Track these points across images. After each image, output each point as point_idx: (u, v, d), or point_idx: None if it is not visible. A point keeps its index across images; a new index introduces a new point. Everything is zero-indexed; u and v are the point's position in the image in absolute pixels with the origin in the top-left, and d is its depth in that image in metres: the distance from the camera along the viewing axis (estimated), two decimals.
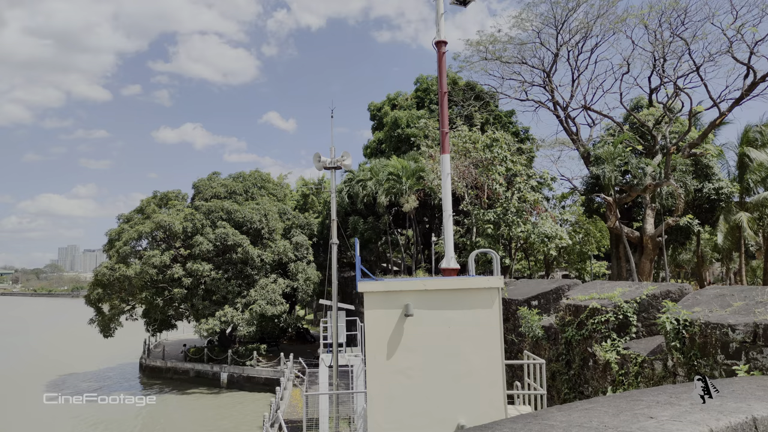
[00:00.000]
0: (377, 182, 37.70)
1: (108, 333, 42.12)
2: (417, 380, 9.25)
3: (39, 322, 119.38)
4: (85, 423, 31.45)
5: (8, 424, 32.01)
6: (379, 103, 50.61)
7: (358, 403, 17.72)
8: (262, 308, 38.09)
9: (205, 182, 46.82)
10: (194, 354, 42.95)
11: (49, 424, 31.64)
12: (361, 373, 18.47)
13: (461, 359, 9.15)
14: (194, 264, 38.76)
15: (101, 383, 42.75)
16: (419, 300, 9.45)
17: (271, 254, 41.02)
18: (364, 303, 9.83)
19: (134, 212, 45.12)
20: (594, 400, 5.17)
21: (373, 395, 9.24)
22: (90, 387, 41.15)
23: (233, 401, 35.09)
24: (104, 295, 41.59)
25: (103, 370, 48.33)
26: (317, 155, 19.57)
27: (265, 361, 39.72)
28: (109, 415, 32.92)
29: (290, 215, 45.71)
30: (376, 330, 9.56)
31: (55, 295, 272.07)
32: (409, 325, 9.43)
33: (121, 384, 42.34)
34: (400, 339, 9.48)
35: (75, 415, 33.17)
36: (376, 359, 9.38)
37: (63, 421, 32.10)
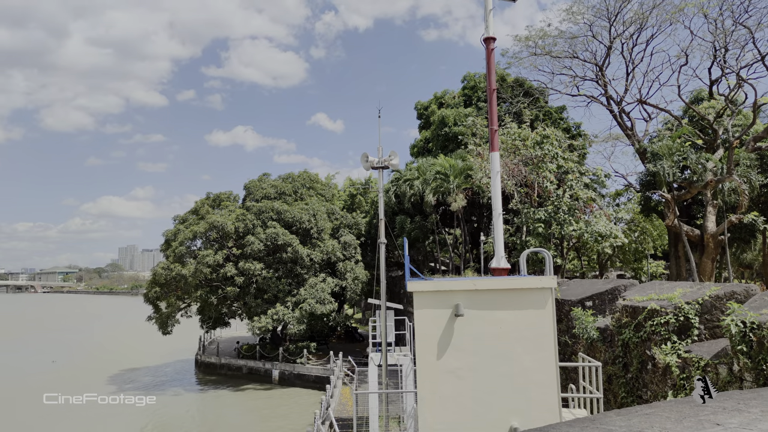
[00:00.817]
0: (424, 181, 37.58)
1: (166, 330, 43.72)
2: (468, 381, 9.15)
3: (102, 319, 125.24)
4: (143, 419, 32.72)
5: (75, 418, 33.70)
6: (426, 102, 50.43)
7: (407, 402, 17.70)
8: (311, 307, 38.64)
9: (255, 183, 47.90)
10: (247, 351, 44.01)
11: (109, 421, 33.10)
12: (411, 372, 18.44)
13: (513, 360, 8.99)
14: (246, 263, 39.71)
15: (160, 378, 44.41)
16: (469, 300, 9.34)
17: (319, 253, 41.56)
18: (414, 302, 9.80)
19: (189, 213, 46.63)
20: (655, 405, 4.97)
21: (424, 395, 9.20)
22: (150, 382, 42.82)
23: (285, 398, 35.76)
24: (162, 294, 43.21)
25: (161, 365, 50.20)
26: (365, 155, 19.65)
27: (315, 359, 40.28)
28: (164, 411, 34.14)
29: (338, 215, 46.17)
30: (426, 330, 9.51)
31: (115, 293, 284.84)
32: (459, 325, 9.34)
33: (178, 380, 43.85)
34: (450, 339, 9.40)
35: (133, 411, 34.57)
36: (425, 359, 9.33)
37: (122, 417, 33.51)
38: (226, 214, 43.08)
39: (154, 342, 54.73)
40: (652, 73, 34.18)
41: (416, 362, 9.65)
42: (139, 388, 40.19)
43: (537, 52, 34.44)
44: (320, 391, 34.66)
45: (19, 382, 44.86)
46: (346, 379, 33.12)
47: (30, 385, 43.02)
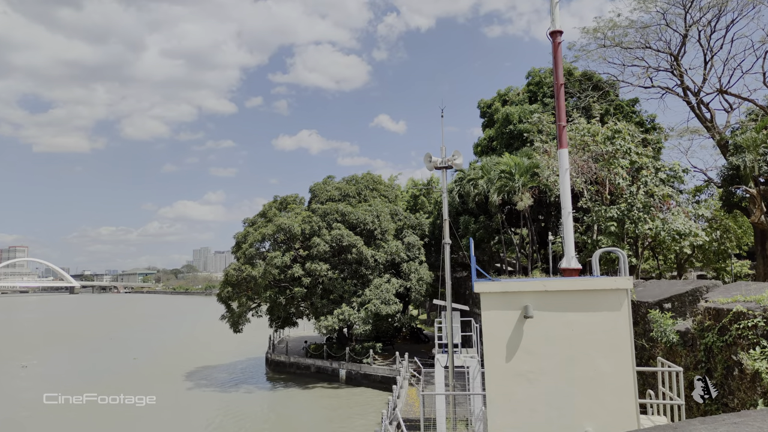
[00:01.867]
0: (489, 180, 37.01)
1: (237, 328, 45.35)
2: (538, 384, 8.93)
3: (179, 318, 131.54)
4: (220, 414, 34.02)
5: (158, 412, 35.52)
6: (490, 100, 49.67)
7: (475, 405, 17.48)
8: (376, 307, 38.91)
9: (320, 186, 48.81)
10: (314, 350, 44.90)
11: (183, 413, 34.64)
12: (478, 374, 18.20)
13: (587, 364, 8.68)
14: (312, 264, 40.54)
15: (233, 376, 46.10)
16: (539, 301, 9.12)
17: (384, 254, 41.79)
18: (481, 304, 9.66)
19: (257, 216, 48.15)
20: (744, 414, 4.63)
21: (493, 398, 9.05)
22: (224, 379, 44.53)
23: (352, 397, 36.20)
24: (233, 294, 44.85)
25: (234, 363, 52.09)
26: (428, 155, 19.58)
27: (381, 359, 40.52)
28: (237, 408, 35.34)
29: (401, 216, 46.26)
30: (494, 331, 9.36)
31: (190, 293, 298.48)
32: (528, 327, 9.13)
33: (250, 377, 45.35)
34: (520, 341, 9.21)
35: (211, 406, 36.03)
36: (494, 361, 9.18)
37: (202, 411, 34.99)
38: (293, 217, 44.15)
39: (227, 340, 56.91)
40: (733, 60, 32.13)
41: (484, 364, 9.51)
42: (214, 385, 41.88)
43: (606, 44, 33.14)
44: (386, 392, 34.82)
45: (103, 378, 47.82)
46: (412, 380, 33.11)
47: (113, 382, 45.78)
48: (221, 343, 63.15)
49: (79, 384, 44.80)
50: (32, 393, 41.81)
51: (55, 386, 44.29)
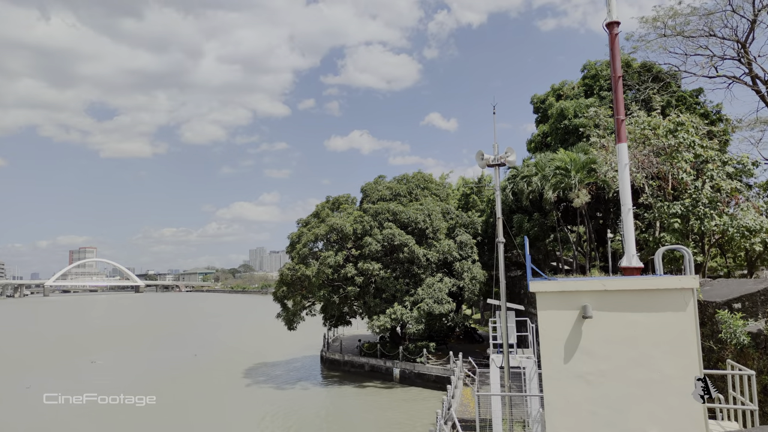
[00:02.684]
0: (543, 177, 36.18)
1: (292, 326, 46.27)
2: (598, 386, 8.68)
3: (237, 315, 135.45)
4: (278, 410, 34.78)
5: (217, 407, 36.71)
6: (543, 95, 48.57)
7: (532, 406, 17.13)
8: (429, 306, 38.78)
9: (371, 186, 49.10)
10: (368, 349, 45.22)
11: (240, 408, 35.59)
12: (535, 376, 17.82)
13: (650, 366, 8.37)
14: (365, 263, 40.84)
15: (289, 373, 47.07)
16: (598, 301, 8.87)
17: (436, 253, 41.60)
18: (537, 303, 9.48)
19: (311, 216, 48.94)
20: None
21: (551, 400, 8.85)
22: (280, 375, 45.54)
23: (406, 396, 36.24)
24: (288, 293, 45.79)
25: (290, 360, 53.18)
26: (480, 153, 19.31)
27: (435, 358, 40.37)
28: (293, 404, 36.03)
29: (453, 215, 45.92)
30: (551, 332, 9.17)
31: (247, 292, 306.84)
32: (587, 327, 8.89)
33: (305, 374, 46.17)
34: (578, 342, 8.97)
35: (268, 402, 36.89)
36: (551, 363, 8.98)
37: (259, 406, 35.89)
38: (345, 217, 44.61)
39: (282, 338, 58.16)
40: None
41: (541, 365, 9.32)
42: (271, 381, 42.90)
43: (667, 33, 31.70)
44: (440, 391, 34.67)
45: (164, 374, 49.79)
46: (466, 380, 32.82)
47: (174, 377, 47.63)
48: (277, 341, 64.61)
49: (143, 379, 46.90)
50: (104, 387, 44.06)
51: (122, 380, 46.53)
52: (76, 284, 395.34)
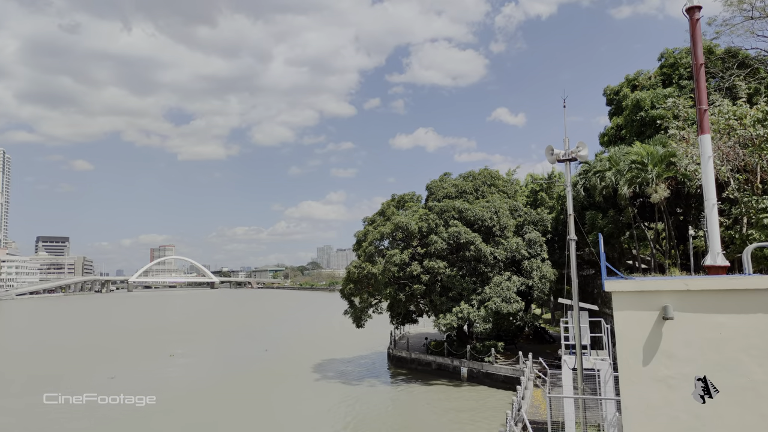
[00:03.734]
0: (617, 172, 34.69)
1: (359, 323, 46.86)
2: (682, 392, 8.24)
3: (305, 312, 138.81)
4: (340, 409, 35.34)
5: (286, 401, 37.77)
6: (617, 86, 46.57)
7: (608, 410, 16.50)
8: (497, 305, 38.16)
9: (437, 183, 48.87)
10: (435, 347, 45.08)
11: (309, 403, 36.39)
12: (610, 378, 17.15)
13: (740, 372, 7.85)
14: (430, 262, 40.72)
15: (356, 369, 47.71)
16: (680, 301, 8.41)
17: (503, 251, 40.87)
18: (613, 303, 9.11)
19: (376, 215, 49.34)
20: None
21: (629, 405, 8.49)
22: (348, 372, 46.26)
23: (474, 395, 35.86)
24: (355, 290, 46.39)
25: (357, 357, 53.91)
26: (549, 148, 18.82)
27: (503, 358, 39.69)
28: (362, 401, 36.47)
29: (521, 212, 44.94)
30: (628, 333, 8.79)
31: (315, 288, 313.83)
32: (668, 329, 8.46)
33: (373, 371, 46.65)
34: (658, 344, 8.56)
35: (336, 397, 37.55)
36: (629, 365, 8.62)
37: (327, 401, 36.59)
38: (410, 215, 44.66)
39: (350, 334, 59.03)
40: None
41: (618, 368, 8.97)
42: (339, 377, 43.67)
43: (754, 15, 29.61)
44: (509, 392, 34.06)
45: (237, 368, 51.72)
46: (537, 381, 32.05)
47: (245, 371, 49.40)
48: (345, 338, 65.65)
49: (216, 372, 48.98)
50: (180, 381, 46.42)
51: (197, 373, 48.81)
52: (156, 280, 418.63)
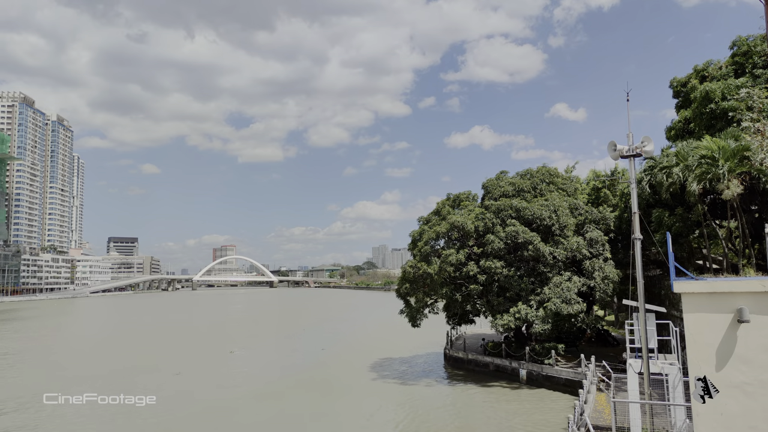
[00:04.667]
0: (686, 168, 33.01)
1: (415, 323, 46.77)
2: (759, 398, 7.78)
3: (362, 311, 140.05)
4: (399, 407, 35.36)
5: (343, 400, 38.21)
6: (684, 77, 44.35)
7: (677, 417, 15.73)
8: (557, 306, 37.19)
9: (493, 182, 48.14)
10: (492, 348, 44.43)
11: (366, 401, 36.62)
12: (680, 384, 16.34)
13: None
14: (487, 261, 40.14)
15: (413, 369, 47.70)
16: (758, 303, 7.94)
17: (563, 251, 39.78)
18: (683, 305, 8.70)
19: (431, 214, 49.13)
20: None
21: (701, 412, 8.07)
22: (404, 371, 46.32)
23: (533, 398, 35.09)
24: (411, 290, 46.33)
25: (413, 356, 53.88)
26: (612, 144, 18.17)
27: (564, 361, 38.62)
28: (418, 401, 36.39)
29: (582, 210, 43.58)
30: (700, 337, 8.37)
31: (371, 288, 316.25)
32: (744, 332, 8.00)
33: (429, 371, 46.48)
34: (733, 348, 8.11)
35: (394, 396, 37.65)
36: (701, 371, 8.19)
37: (385, 400, 36.74)
38: (466, 214, 44.18)
39: (406, 334, 59.08)
40: None
41: (688, 373, 8.54)
42: (396, 376, 43.78)
43: None
44: (570, 395, 33.12)
45: (294, 366, 52.76)
46: (600, 385, 30.99)
47: (302, 370, 50.31)
48: (400, 337, 65.78)
49: (273, 370, 50.14)
50: (238, 376, 47.82)
51: (255, 371, 50.12)
52: (218, 279, 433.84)
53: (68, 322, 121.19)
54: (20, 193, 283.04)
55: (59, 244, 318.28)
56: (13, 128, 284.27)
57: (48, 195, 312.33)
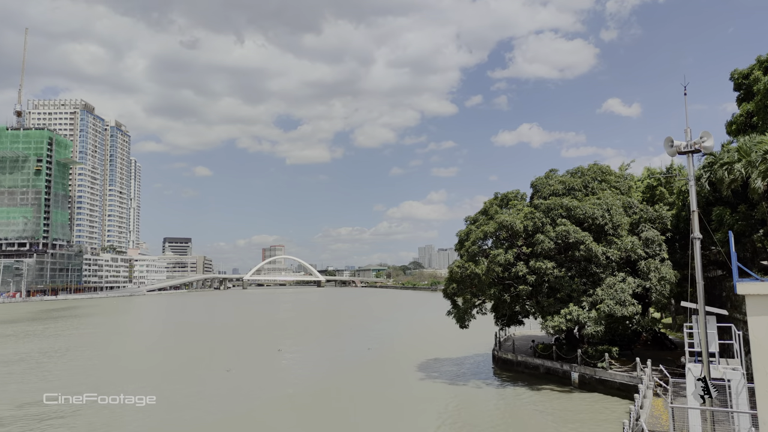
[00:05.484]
0: (749, 164, 31.41)
1: (463, 324, 46.33)
2: None
3: (408, 311, 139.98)
4: (446, 409, 35.15)
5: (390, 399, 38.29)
6: (747, 69, 42.19)
7: (741, 424, 14.99)
8: (610, 308, 36.10)
9: (542, 180, 47.18)
10: (543, 350, 43.56)
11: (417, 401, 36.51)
12: (744, 390, 15.56)
13: None
14: (537, 262, 39.37)
15: (461, 370, 47.34)
16: None
17: (617, 251, 38.58)
18: (747, 308, 8.30)
19: (478, 214, 48.57)
20: None
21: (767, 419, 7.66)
22: (453, 372, 46.01)
23: (585, 402, 34.18)
24: (458, 290, 45.93)
25: (461, 357, 53.47)
26: (669, 139, 17.48)
27: (618, 364, 37.45)
28: (467, 402, 36.06)
29: (636, 209, 42.14)
30: (767, 341, 7.93)
31: (417, 288, 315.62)
32: None
33: (478, 373, 46.01)
34: None
35: (442, 397, 37.47)
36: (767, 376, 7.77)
37: (433, 401, 36.62)
38: (514, 213, 43.47)
39: (453, 335, 58.68)
40: None
41: (755, 379, 8.13)
42: (444, 377, 43.57)
43: None
44: (625, 400, 32.08)
45: (340, 366, 53.23)
46: (657, 390, 29.87)
47: (349, 369, 50.71)
48: (448, 338, 65.41)
49: (320, 368, 50.73)
50: (285, 375, 48.64)
51: (302, 369, 50.85)
52: (267, 279, 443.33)
53: (127, 320, 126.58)
54: (82, 195, 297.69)
55: (118, 244, 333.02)
56: (75, 134, 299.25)
57: (107, 197, 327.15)
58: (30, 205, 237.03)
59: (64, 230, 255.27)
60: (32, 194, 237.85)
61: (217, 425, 31.04)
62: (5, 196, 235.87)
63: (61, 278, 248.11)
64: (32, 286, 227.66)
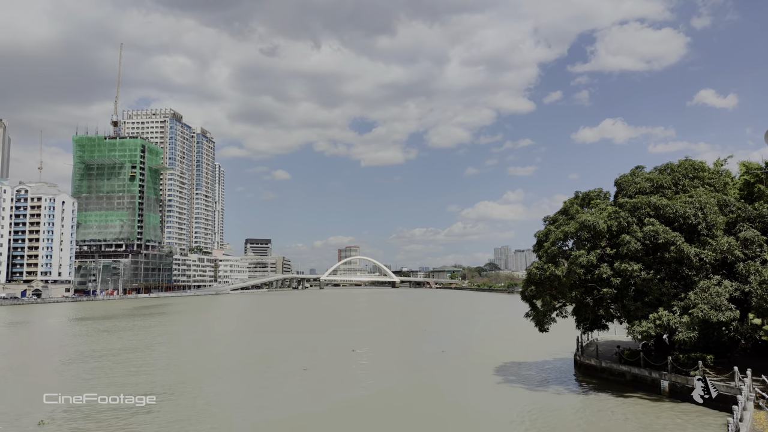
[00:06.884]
0: None
1: (542, 327, 44.89)
2: None
3: (484, 312, 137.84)
4: (524, 414, 34.15)
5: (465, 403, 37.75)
6: None
7: None
8: (704, 313, 33.68)
9: (627, 178, 44.86)
10: (629, 357, 41.37)
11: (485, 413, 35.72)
12: None
13: None
14: (622, 264, 37.45)
15: (542, 375, 45.88)
16: None
17: (711, 252, 35.97)
18: None
19: (558, 213, 46.92)
20: None
21: None
22: (533, 377, 44.72)
23: (676, 413, 32.07)
24: (537, 292, 44.53)
25: (541, 362, 51.84)
26: None
27: (713, 373, 34.90)
28: (548, 409, 34.87)
29: (734, 207, 39.13)
30: None
31: (493, 290, 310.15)
32: None
33: (559, 378, 44.41)
34: None
35: (521, 402, 36.49)
36: None
37: (512, 406, 35.73)
38: (597, 213, 41.60)
39: (532, 338, 57.07)
40: None
41: None
42: (522, 381, 42.41)
43: None
44: (722, 412, 29.85)
45: (414, 367, 53.03)
46: (759, 402, 27.54)
47: (423, 370, 50.46)
48: (526, 341, 63.72)
49: (393, 370, 50.78)
50: (360, 375, 49.11)
51: (377, 370, 51.14)
52: (343, 279, 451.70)
53: (214, 317, 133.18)
54: (171, 199, 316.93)
55: (204, 245, 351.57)
56: (165, 141, 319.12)
57: (194, 201, 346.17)
58: (125, 209, 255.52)
59: (156, 232, 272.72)
60: (127, 198, 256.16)
61: (289, 423, 31.86)
62: (104, 201, 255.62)
63: (153, 277, 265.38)
64: (128, 285, 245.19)
